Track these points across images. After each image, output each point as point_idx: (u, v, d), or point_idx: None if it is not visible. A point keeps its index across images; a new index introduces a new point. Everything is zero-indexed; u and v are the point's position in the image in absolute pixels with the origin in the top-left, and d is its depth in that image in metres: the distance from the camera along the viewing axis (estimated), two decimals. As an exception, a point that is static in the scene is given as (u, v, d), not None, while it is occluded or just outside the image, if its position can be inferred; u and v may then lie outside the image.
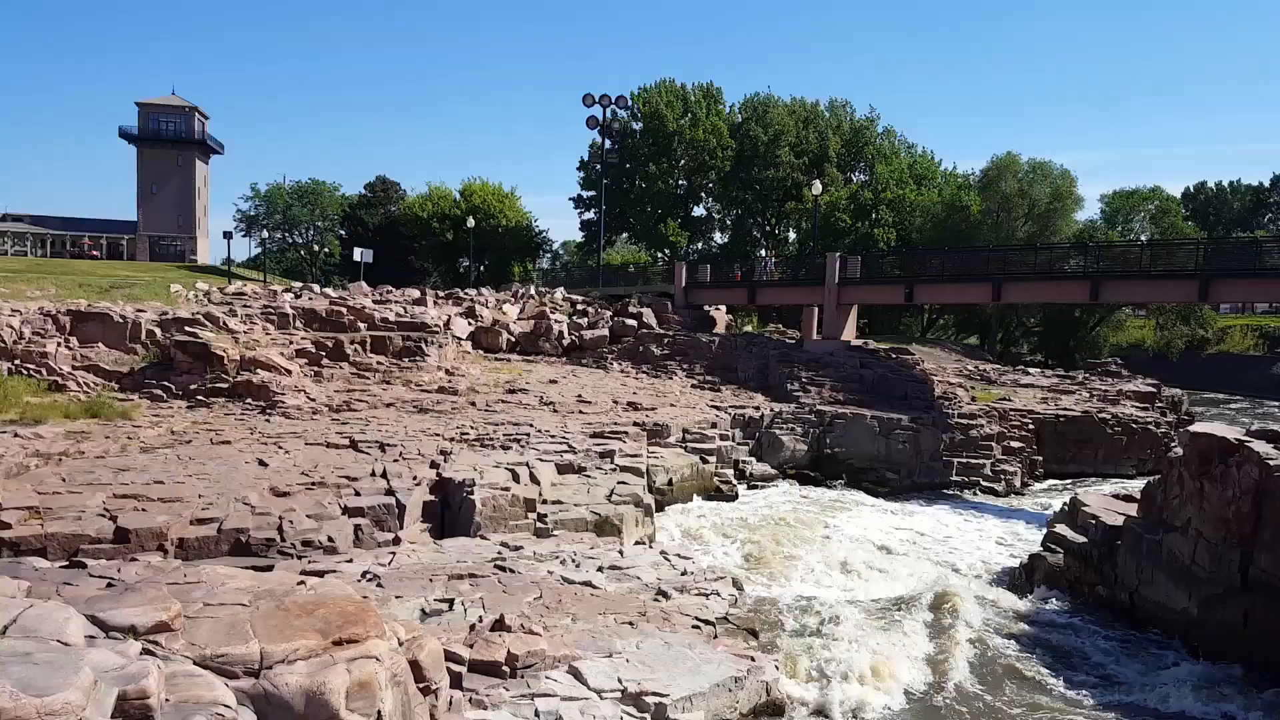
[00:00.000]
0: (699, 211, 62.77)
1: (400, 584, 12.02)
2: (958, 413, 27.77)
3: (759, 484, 24.66)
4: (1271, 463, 12.47)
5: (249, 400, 23.94)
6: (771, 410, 26.91)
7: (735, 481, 23.78)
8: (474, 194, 60.33)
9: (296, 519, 14.14)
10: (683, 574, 13.89)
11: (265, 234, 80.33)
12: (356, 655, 6.08)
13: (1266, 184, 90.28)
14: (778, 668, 10.95)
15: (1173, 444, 19.23)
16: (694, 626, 11.58)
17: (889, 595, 15.68)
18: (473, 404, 25.36)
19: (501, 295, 39.95)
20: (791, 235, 61.23)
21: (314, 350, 27.78)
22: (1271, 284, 28.39)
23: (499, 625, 9.84)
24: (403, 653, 6.80)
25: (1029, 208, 48.38)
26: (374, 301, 33.13)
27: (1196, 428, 15.58)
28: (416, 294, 36.45)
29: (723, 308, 40.60)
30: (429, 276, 61.81)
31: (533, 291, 41.25)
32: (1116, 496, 18.60)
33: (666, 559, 14.62)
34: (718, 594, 13.15)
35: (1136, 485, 17.38)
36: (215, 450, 18.59)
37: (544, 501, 16.75)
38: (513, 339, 34.50)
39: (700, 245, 62.89)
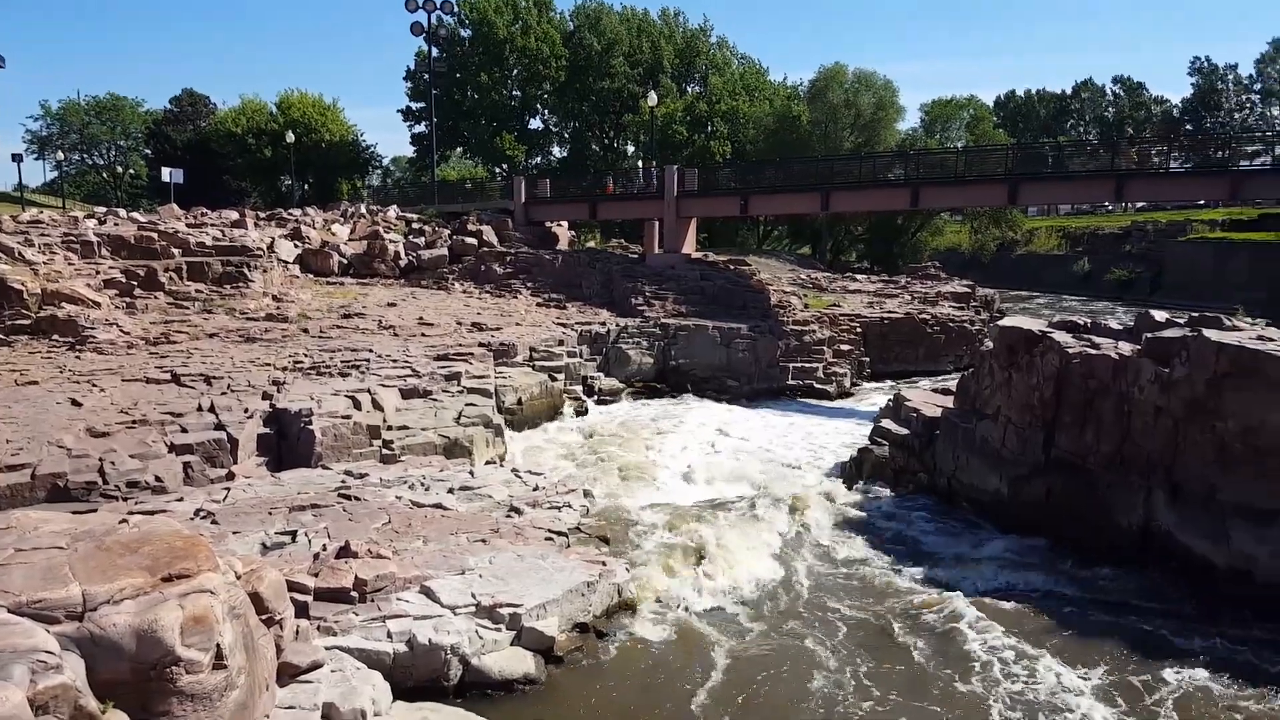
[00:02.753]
0: (535, 124, 61.31)
1: (237, 519, 11.52)
2: (792, 320, 28.87)
3: (608, 398, 24.99)
4: (1070, 350, 13.67)
5: (55, 337, 21.94)
6: (617, 325, 27.12)
7: (585, 397, 23.99)
8: (292, 107, 56.36)
9: (118, 460, 13.22)
10: (535, 490, 14.01)
11: (61, 156, 72.60)
12: (189, 590, 5.80)
13: (1069, 92, 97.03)
14: (628, 570, 11.30)
15: (985, 339, 20.74)
16: (547, 539, 11.74)
17: (732, 495, 16.36)
18: (305, 331, 24.22)
19: (329, 215, 37.90)
20: (630, 148, 60.96)
21: (124, 280, 25.60)
22: (1073, 186, 30.74)
23: (345, 552, 9.63)
24: (241, 585, 6.52)
25: (855, 118, 49.96)
26: (188, 225, 30.69)
27: (1004, 322, 16.85)
28: (235, 215, 34.00)
29: (565, 224, 40.16)
30: (248, 197, 57.81)
31: (363, 211, 39.35)
32: (935, 391, 19.99)
33: (518, 476, 14.68)
34: (569, 506, 13.37)
35: (954, 380, 18.69)
36: (21, 392, 17.00)
37: (389, 427, 16.35)
38: (345, 261, 32.95)
39: (539, 159, 61.64)
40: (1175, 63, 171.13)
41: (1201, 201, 54.08)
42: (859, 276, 40.82)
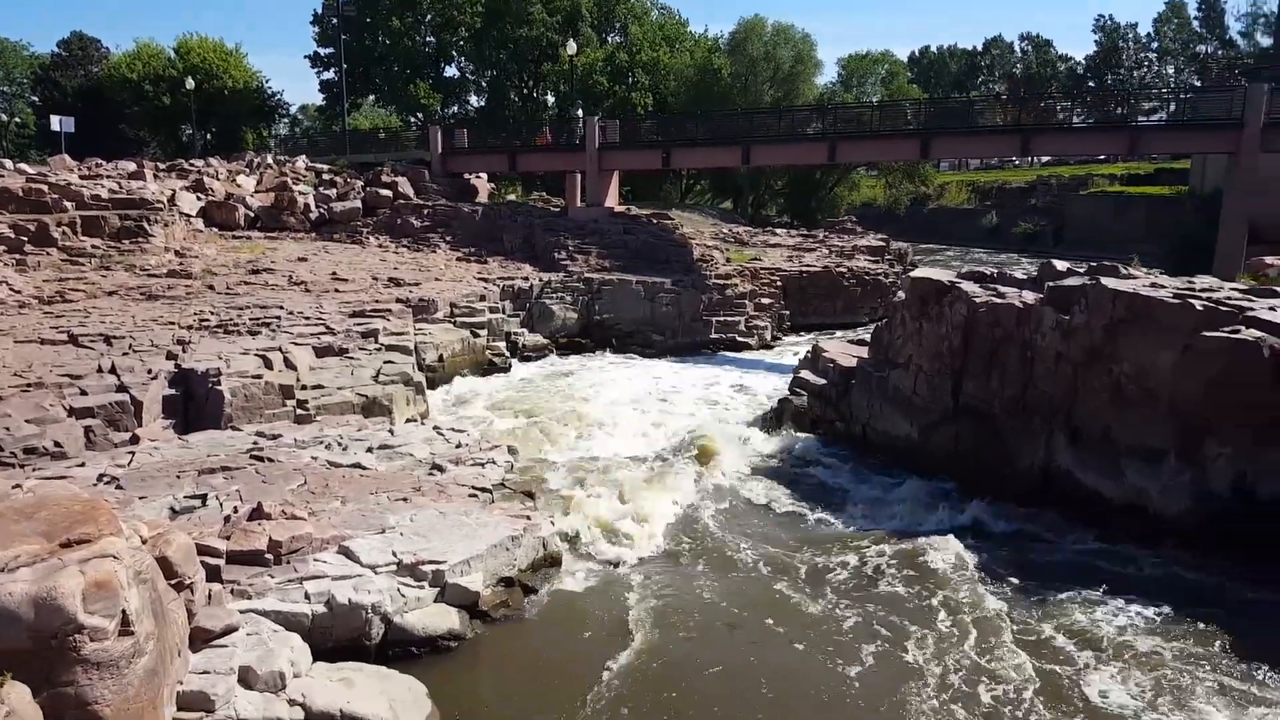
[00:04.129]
0: (451, 72, 59.60)
1: (143, 484, 11.12)
2: (714, 274, 29.04)
3: (532, 355, 24.84)
4: (977, 300, 14.11)
5: (-65, 297, 20.63)
6: (540, 280, 26.86)
7: (508, 354, 23.77)
8: (191, 52, 53.45)
9: (13, 424, 12.59)
10: (458, 447, 13.86)
11: (-62, 104, 67.71)
12: (90, 555, 5.59)
13: (980, 49, 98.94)
14: (553, 523, 11.35)
15: (898, 291, 21.21)
16: (471, 495, 11.67)
17: (656, 447, 16.53)
18: (211, 287, 23.31)
19: (234, 166, 36.31)
20: (550, 99, 59.85)
21: (13, 235, 24.15)
22: (982, 141, 31.49)
23: (258, 514, 9.40)
24: (147, 550, 6.32)
25: (774, 72, 50.00)
26: (81, 177, 29.01)
27: (916, 273, 17.27)
28: (132, 167, 32.30)
29: (484, 176, 39.34)
30: (146, 147, 54.92)
31: (270, 161, 37.81)
32: (851, 342, 20.45)
33: (440, 434, 14.51)
34: (493, 462, 13.28)
35: (869, 331, 19.13)
36: (-103, 356, 15.98)
37: (303, 387, 15.92)
38: (252, 214, 31.70)
39: (456, 109, 60.05)
40: (1081, 22, 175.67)
41: (1102, 156, 56.03)
42: (779, 231, 41.19)
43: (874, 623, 9.77)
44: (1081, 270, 14.11)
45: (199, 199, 30.90)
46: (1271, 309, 11.48)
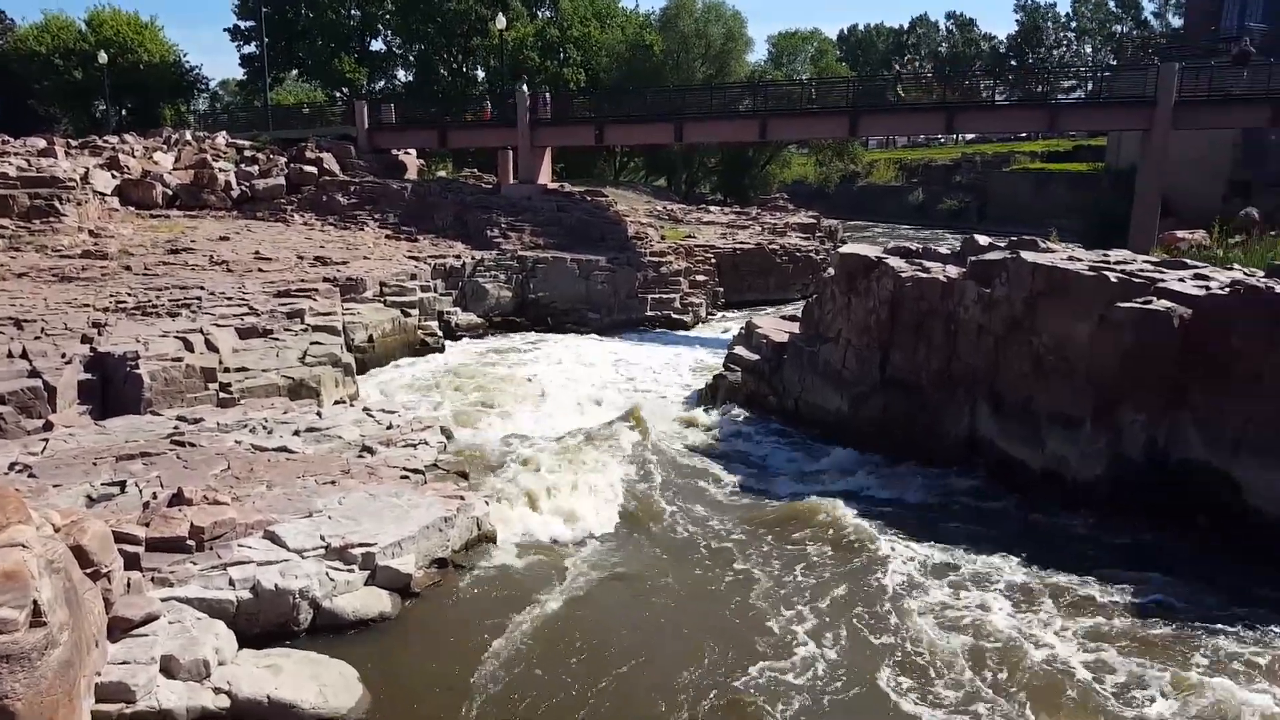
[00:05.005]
0: (378, 46, 58.15)
1: (58, 472, 10.73)
2: (649, 251, 29.03)
3: (466, 334, 24.56)
4: (903, 275, 14.39)
5: None
6: (473, 258, 26.49)
7: (441, 334, 23.44)
8: (104, 25, 51.09)
9: (-87, 414, 12.00)
10: (388, 428, 13.68)
11: None
12: (-4, 547, 5.36)
13: (906, 27, 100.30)
14: (487, 503, 11.28)
15: (828, 267, 21.48)
16: (403, 477, 11.54)
17: (594, 424, 16.51)
18: (128, 268, 22.47)
19: (151, 143, 34.92)
20: (480, 74, 58.83)
21: (-92, 215, 22.93)
22: (908, 118, 32.03)
23: (178, 499, 9.14)
24: (61, 538, 6.09)
25: (705, 49, 49.95)
26: (-15, 154, 27.65)
27: (844, 249, 17.53)
28: (42, 144, 30.80)
29: (413, 152, 38.55)
30: (57, 124, 52.46)
31: (189, 138, 36.46)
32: (784, 318, 20.66)
33: (370, 415, 14.29)
34: (426, 443, 13.15)
35: (801, 307, 19.34)
36: None
37: (226, 370, 15.50)
38: (170, 192, 30.58)
39: (383, 84, 58.64)
40: (1004, 1, 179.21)
41: (1023, 134, 57.45)
42: (712, 208, 41.33)
43: (802, 588, 9.96)
44: (1002, 245, 14.46)
45: (114, 177, 29.68)
46: (1181, 280, 11.94)
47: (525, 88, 34.35)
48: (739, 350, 18.45)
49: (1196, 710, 7.69)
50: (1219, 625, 9.02)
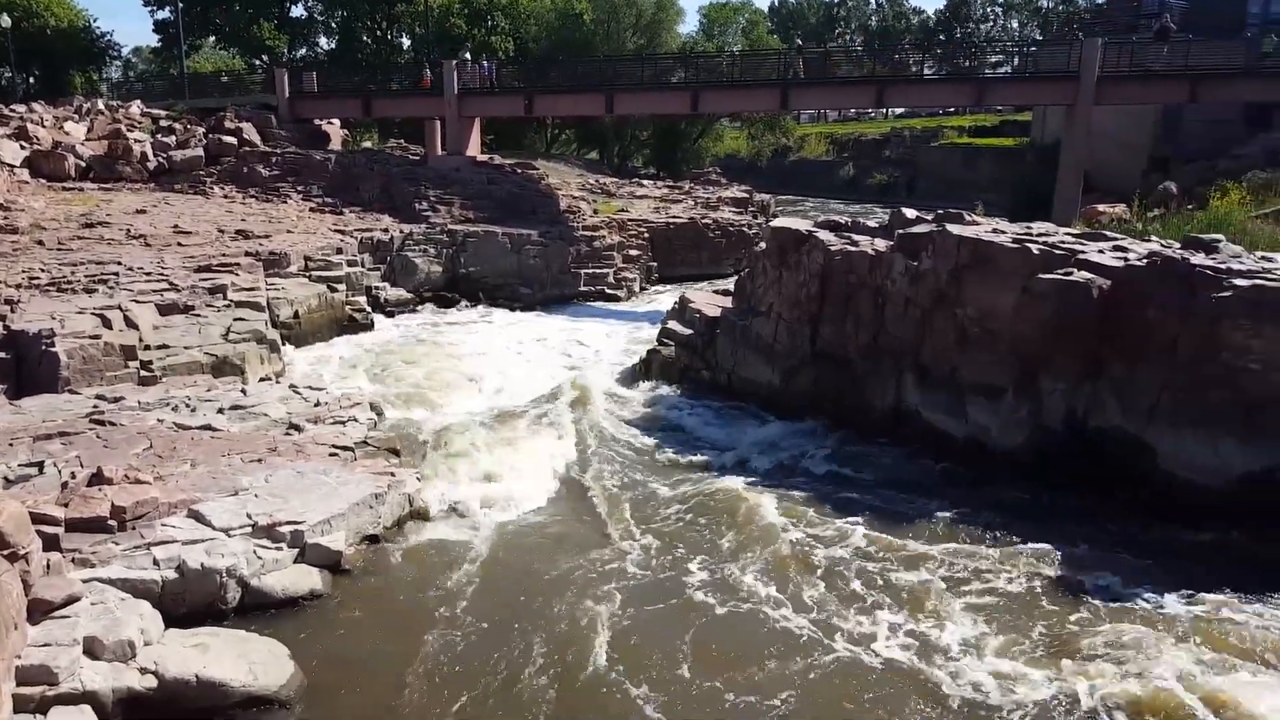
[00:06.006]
0: (298, 12, 56.26)
1: (-34, 454, 10.26)
2: (582, 226, 28.85)
3: (395, 310, 24.13)
4: (833, 248, 14.59)
5: None
6: (401, 232, 25.97)
7: (370, 309, 22.96)
8: (5, -13, 48.47)
9: None
10: (316, 406, 13.44)
11: None
12: (-101, 532, 5.12)
13: (836, 0, 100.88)
14: (419, 479, 11.17)
15: (760, 241, 21.65)
16: (331, 455, 11.35)
17: (526, 400, 16.46)
18: (40, 243, 21.45)
19: (61, 112, 33.29)
20: (406, 42, 57.41)
21: None
22: (839, 92, 32.29)
23: (98, 479, 8.85)
24: (-30, 523, 5.85)
25: (636, 18, 49.55)
26: (-124, 122, 26.06)
27: (775, 222, 17.69)
28: (-60, 112, 29.25)
29: (336, 122, 37.48)
30: (-44, 91, 49.69)
31: (102, 107, 34.85)
32: (717, 292, 20.79)
33: (297, 393, 14.00)
34: (355, 420, 12.96)
35: (734, 282, 19.48)
36: None
37: (146, 347, 15.01)
38: (83, 164, 29.25)
39: (304, 51, 56.82)
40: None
41: (951, 109, 58.57)
42: (645, 182, 41.22)
43: (729, 556, 10.14)
44: (929, 218, 14.76)
45: (23, 148, 28.24)
46: (1101, 252, 12.36)
47: (469, 55, 33.66)
48: (672, 325, 18.52)
49: (1112, 657, 8.06)
50: (1136, 585, 9.45)
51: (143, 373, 14.26)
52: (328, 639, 8.34)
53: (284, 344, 17.80)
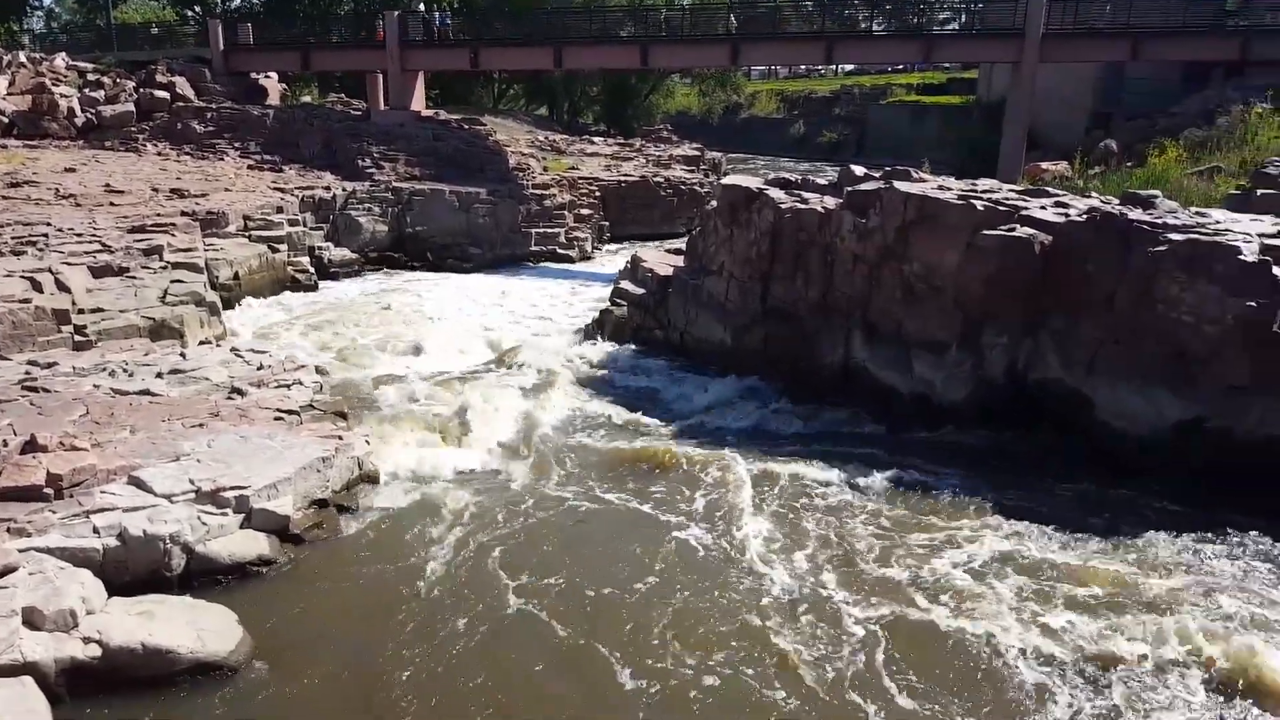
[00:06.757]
0: (233, -39, 54.15)
1: (-110, 424, 9.87)
2: (532, 184, 28.47)
3: (340, 270, 23.67)
4: (783, 206, 14.60)
5: None
6: (344, 190, 25.36)
7: (313, 270, 22.50)
8: (-88, -72, 45.82)
9: None
10: (259, 369, 13.15)
11: None
12: None
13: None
14: (368, 442, 11.03)
15: (711, 200, 21.61)
16: (276, 418, 11.14)
17: (477, 362, 16.33)
18: (-39, 203, 20.58)
19: (-21, 65, 31.79)
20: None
21: None
22: (789, 47, 32.13)
23: (31, 446, 8.59)
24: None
25: (584, -31, 48.66)
26: None
27: (726, 180, 17.64)
28: None
29: (274, 76, 36.31)
30: None
31: (24, 59, 33.30)
32: (669, 251, 20.72)
33: (239, 356, 13.69)
34: (300, 384, 12.72)
35: (685, 240, 19.44)
36: None
37: (80, 311, 14.51)
38: (6, 120, 27.99)
39: (239, 1, 54.78)
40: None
41: (900, 66, 58.69)
42: (596, 139, 40.73)
43: (685, 513, 10.23)
44: (877, 176, 14.82)
45: (-64, 102, 26.94)
46: (1043, 208, 12.54)
47: (421, 5, 32.67)
48: (625, 284, 18.44)
49: (1048, 596, 8.34)
50: (1071, 529, 9.76)
51: (77, 337, 13.81)
52: (278, 604, 8.25)
53: (225, 306, 17.36)
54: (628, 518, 10.25)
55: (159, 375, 12.21)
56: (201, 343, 14.61)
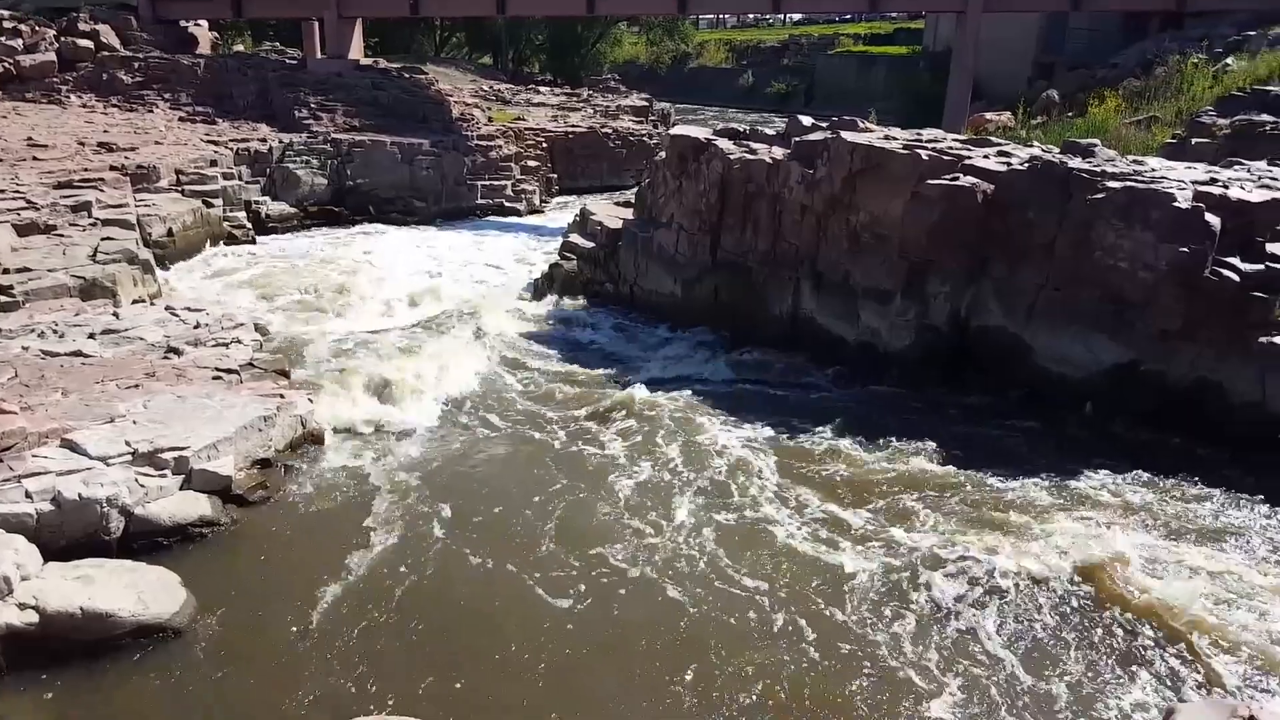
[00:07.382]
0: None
1: None
2: (477, 135, 27.88)
3: (279, 225, 23.03)
4: (732, 156, 14.51)
5: None
6: (280, 142, 24.57)
7: (250, 225, 21.87)
8: None
9: None
10: (195, 328, 12.81)
11: None
12: None
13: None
14: (311, 400, 10.83)
15: (660, 151, 21.41)
16: (215, 378, 10.89)
17: (423, 317, 16.08)
18: None
19: (-116, 10, 29.99)
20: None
21: None
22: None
23: (-46, 412, 8.26)
24: None
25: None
26: None
27: (674, 131, 17.45)
28: None
29: (204, 24, 34.88)
30: None
31: (-67, 5, 31.54)
32: (618, 204, 20.56)
33: (174, 315, 13.32)
34: (239, 342, 12.44)
35: (634, 193, 19.27)
36: None
37: (5, 271, 13.94)
38: (-84, 70, 26.57)
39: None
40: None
41: (849, 15, 58.42)
42: (542, 89, 39.98)
43: (635, 463, 10.26)
44: (824, 125, 14.78)
45: None
46: (986, 158, 12.63)
47: None
48: (574, 238, 18.26)
49: (998, 530, 8.57)
50: (1012, 470, 10.02)
51: (2, 298, 13.26)
52: (222, 565, 8.12)
53: (158, 264, 16.83)
54: (576, 467, 10.25)
55: (91, 336, 11.82)
56: (135, 302, 14.16)
